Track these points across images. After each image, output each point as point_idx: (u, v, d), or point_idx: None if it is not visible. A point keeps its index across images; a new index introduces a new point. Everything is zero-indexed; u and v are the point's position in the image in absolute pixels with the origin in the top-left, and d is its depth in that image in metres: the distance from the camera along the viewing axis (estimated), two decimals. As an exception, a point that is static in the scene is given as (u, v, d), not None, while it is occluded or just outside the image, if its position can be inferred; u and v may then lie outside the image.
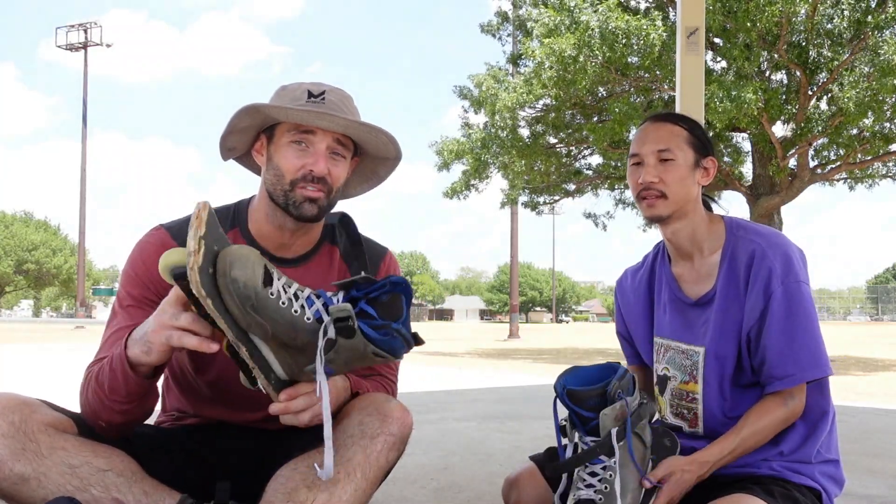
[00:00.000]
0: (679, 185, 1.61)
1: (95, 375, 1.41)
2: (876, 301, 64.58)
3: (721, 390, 1.62)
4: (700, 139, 1.66)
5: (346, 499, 1.34)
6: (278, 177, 1.51)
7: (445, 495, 2.58)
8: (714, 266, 1.64)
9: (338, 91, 1.55)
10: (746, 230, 1.64)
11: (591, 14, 11.02)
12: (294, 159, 1.50)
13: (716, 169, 1.69)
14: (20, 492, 1.32)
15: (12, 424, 1.32)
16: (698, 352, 1.64)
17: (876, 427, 4.49)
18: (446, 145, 14.25)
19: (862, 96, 10.42)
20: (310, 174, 1.49)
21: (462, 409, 5.06)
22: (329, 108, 1.50)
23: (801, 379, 1.53)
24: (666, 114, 1.70)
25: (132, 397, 1.38)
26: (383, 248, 1.75)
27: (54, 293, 68.60)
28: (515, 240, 25.58)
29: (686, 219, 1.65)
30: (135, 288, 1.53)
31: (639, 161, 1.65)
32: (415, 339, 1.33)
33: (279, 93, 1.55)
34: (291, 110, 1.47)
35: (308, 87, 1.53)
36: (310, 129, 1.50)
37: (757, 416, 1.54)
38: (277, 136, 1.53)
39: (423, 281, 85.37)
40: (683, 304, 1.68)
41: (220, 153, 1.62)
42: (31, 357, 11.51)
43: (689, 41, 4.56)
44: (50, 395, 1.52)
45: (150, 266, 1.51)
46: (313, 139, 1.50)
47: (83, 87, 43.79)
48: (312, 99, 1.50)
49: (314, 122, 1.49)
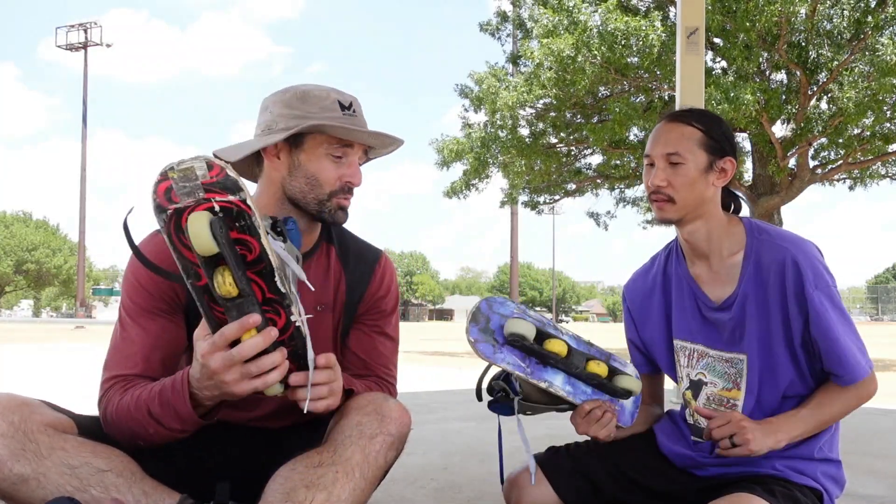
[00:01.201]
0: (688, 190, 1.59)
1: (139, 409, 1.40)
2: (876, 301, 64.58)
3: (761, 398, 1.61)
4: (716, 140, 1.61)
5: (344, 498, 1.34)
6: (313, 186, 1.55)
7: (445, 495, 2.57)
8: (734, 268, 1.62)
9: (355, 99, 1.60)
10: (770, 234, 1.61)
11: (590, 14, 11.03)
12: (334, 170, 1.55)
13: (735, 169, 1.64)
14: (19, 492, 1.32)
15: (12, 424, 1.33)
16: (742, 359, 1.62)
17: (876, 427, 4.49)
18: (446, 144, 14.24)
19: (861, 96, 10.42)
20: (347, 185, 1.56)
21: (462, 409, 5.06)
22: (360, 120, 1.57)
23: (851, 380, 1.55)
24: (682, 112, 1.65)
25: (190, 430, 1.42)
26: (377, 251, 1.76)
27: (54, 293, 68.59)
28: (515, 240, 25.61)
29: (701, 220, 1.63)
30: (140, 297, 1.53)
31: (651, 162, 1.64)
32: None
33: (305, 99, 1.54)
34: (354, 131, 1.52)
35: (335, 96, 1.56)
36: (349, 143, 1.55)
37: (828, 393, 1.58)
38: (311, 146, 1.54)
39: (423, 281, 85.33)
40: (708, 307, 1.66)
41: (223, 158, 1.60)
42: (31, 357, 11.51)
43: (689, 41, 4.56)
44: (50, 396, 1.51)
45: (152, 274, 1.51)
46: (350, 152, 1.56)
47: (83, 87, 43.88)
48: (346, 111, 1.55)
49: (361, 140, 1.56)
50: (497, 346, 1.50)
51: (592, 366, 1.53)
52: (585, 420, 1.58)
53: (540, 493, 1.72)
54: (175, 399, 1.36)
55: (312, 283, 1.64)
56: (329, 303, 1.66)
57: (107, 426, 1.47)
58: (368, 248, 1.75)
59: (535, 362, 1.52)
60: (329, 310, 1.66)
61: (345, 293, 1.68)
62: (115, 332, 1.55)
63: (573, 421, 1.61)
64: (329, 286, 1.66)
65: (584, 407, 1.57)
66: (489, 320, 1.52)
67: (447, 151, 14.14)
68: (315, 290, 1.64)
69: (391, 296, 1.74)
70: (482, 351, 1.48)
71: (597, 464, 1.74)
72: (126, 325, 1.53)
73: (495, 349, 1.49)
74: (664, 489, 1.72)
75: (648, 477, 1.73)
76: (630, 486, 1.73)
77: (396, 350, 1.77)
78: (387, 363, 1.72)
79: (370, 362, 1.70)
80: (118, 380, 1.49)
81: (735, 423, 1.50)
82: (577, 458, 1.76)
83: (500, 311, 1.53)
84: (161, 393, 1.39)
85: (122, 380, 1.48)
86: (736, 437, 1.49)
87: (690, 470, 1.70)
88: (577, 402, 1.56)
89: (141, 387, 1.44)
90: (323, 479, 1.34)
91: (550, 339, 1.51)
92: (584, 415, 1.57)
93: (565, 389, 1.54)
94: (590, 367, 1.53)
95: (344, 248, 1.71)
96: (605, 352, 1.60)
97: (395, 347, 1.76)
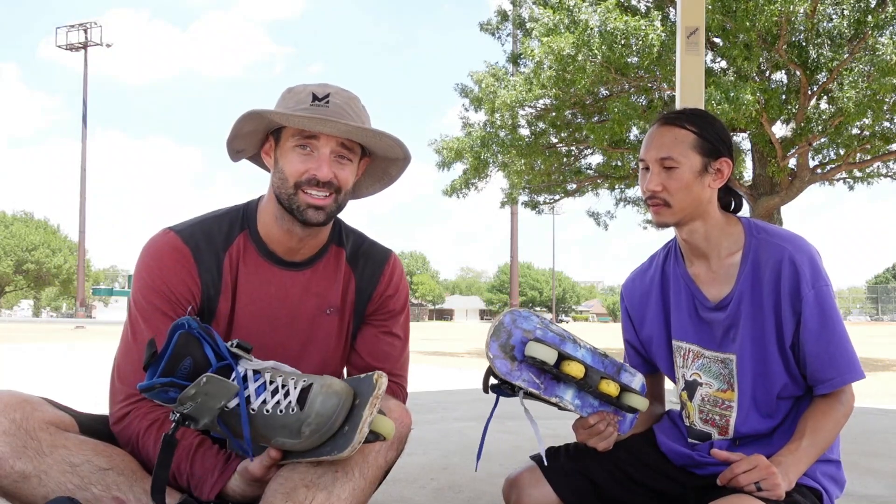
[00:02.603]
0: (683, 193, 1.58)
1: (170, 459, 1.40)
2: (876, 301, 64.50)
3: (755, 399, 1.61)
4: (710, 141, 1.60)
5: (344, 498, 1.34)
6: (282, 180, 1.52)
7: (445, 495, 2.58)
8: (733, 268, 1.62)
9: (343, 93, 1.54)
10: (768, 233, 1.61)
11: (591, 14, 11.02)
12: (298, 164, 1.50)
13: (731, 169, 1.63)
14: (21, 489, 1.32)
15: (13, 422, 1.33)
16: (732, 359, 1.62)
17: (876, 427, 4.49)
18: (446, 144, 14.23)
19: (861, 96, 10.42)
20: (314, 178, 1.49)
21: (462, 409, 5.06)
22: (333, 111, 1.49)
23: (841, 382, 1.54)
24: (675, 115, 1.64)
25: None
26: (387, 252, 1.75)
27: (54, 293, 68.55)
28: (515, 240, 25.60)
29: (699, 221, 1.62)
30: (153, 295, 1.52)
31: (646, 166, 1.63)
32: (240, 347, 1.34)
33: (285, 96, 1.55)
34: (292, 116, 1.46)
35: (313, 89, 1.52)
36: (313, 135, 1.50)
37: (818, 417, 1.55)
38: (283, 140, 1.53)
39: (423, 281, 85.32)
40: (704, 307, 1.65)
41: (228, 154, 1.62)
42: (32, 357, 11.51)
43: (689, 41, 4.56)
44: (50, 396, 1.51)
45: (165, 273, 1.51)
46: (317, 144, 1.50)
47: (83, 87, 43.85)
48: (316, 103, 1.49)
49: (315, 128, 1.49)
50: (515, 365, 1.50)
51: (604, 385, 1.54)
52: (587, 432, 1.59)
53: (540, 493, 1.72)
54: (201, 494, 1.40)
55: (320, 287, 1.64)
56: (337, 306, 1.66)
57: (122, 444, 1.48)
58: (378, 248, 1.74)
59: (549, 378, 1.53)
60: (337, 313, 1.66)
61: (354, 295, 1.68)
62: (126, 333, 1.53)
63: (575, 430, 1.63)
64: (338, 289, 1.66)
65: (589, 420, 1.58)
66: (511, 336, 1.51)
67: (447, 151, 14.12)
68: (323, 294, 1.64)
69: (400, 296, 1.73)
70: (499, 368, 1.49)
71: (597, 464, 1.73)
72: (138, 327, 1.52)
73: (512, 369, 1.50)
74: (664, 488, 1.72)
75: (648, 476, 1.73)
76: (630, 486, 1.73)
77: (406, 350, 1.76)
78: (395, 363, 1.71)
79: (378, 363, 1.69)
80: (139, 404, 1.48)
81: (764, 469, 1.44)
82: (577, 458, 1.76)
83: (524, 327, 1.52)
84: (190, 479, 1.41)
85: (144, 405, 1.48)
86: (764, 482, 1.43)
87: (690, 469, 1.70)
88: (584, 414, 1.58)
89: None
90: (323, 478, 1.34)
91: (569, 361, 1.51)
92: (588, 427, 1.58)
93: (574, 403, 1.56)
94: (602, 386, 1.54)
95: (354, 250, 1.70)
96: (616, 362, 1.60)
97: (405, 347, 1.75)
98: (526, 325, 1.53)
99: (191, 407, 1.26)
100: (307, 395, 1.24)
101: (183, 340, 1.30)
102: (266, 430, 1.27)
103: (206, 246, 1.56)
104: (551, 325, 1.55)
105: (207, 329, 1.32)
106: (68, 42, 46.73)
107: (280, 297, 1.60)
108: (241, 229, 1.61)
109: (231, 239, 1.59)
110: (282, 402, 1.26)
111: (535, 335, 1.51)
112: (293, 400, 1.25)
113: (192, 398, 1.26)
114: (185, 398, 1.26)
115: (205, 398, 1.25)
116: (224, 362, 1.30)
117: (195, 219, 1.63)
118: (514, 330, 1.52)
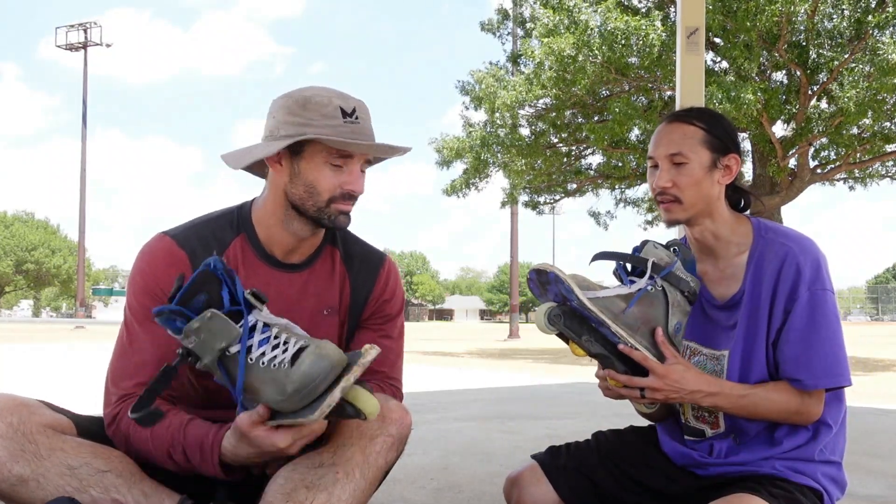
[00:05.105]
0: (694, 190, 1.58)
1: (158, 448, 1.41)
2: (876, 301, 64.57)
3: None
4: (719, 137, 1.60)
5: (345, 499, 1.34)
6: (312, 193, 1.52)
7: (445, 495, 2.58)
8: (740, 267, 1.61)
9: (360, 104, 1.56)
10: (776, 232, 1.60)
11: (591, 14, 11.03)
12: (332, 178, 1.52)
13: (739, 165, 1.63)
14: (19, 493, 1.32)
15: (10, 426, 1.33)
16: (725, 355, 1.61)
17: (876, 427, 4.49)
18: (446, 143, 14.24)
19: (862, 96, 10.42)
20: (349, 193, 1.54)
21: (462, 409, 5.06)
22: (363, 127, 1.53)
23: (812, 385, 1.51)
24: (683, 112, 1.65)
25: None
26: (381, 255, 1.75)
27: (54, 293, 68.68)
28: (515, 240, 25.58)
29: (709, 219, 1.62)
30: (149, 300, 1.51)
31: (655, 164, 1.63)
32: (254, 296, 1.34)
33: (306, 106, 1.51)
34: (338, 140, 1.48)
35: (337, 102, 1.51)
36: (349, 154, 1.52)
37: (773, 388, 1.54)
38: (310, 154, 1.52)
39: (423, 281, 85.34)
40: (711, 305, 1.65)
41: (226, 164, 1.60)
42: (31, 357, 11.51)
43: (689, 41, 4.56)
44: (49, 396, 1.51)
45: (160, 277, 1.51)
46: (350, 161, 1.53)
47: (83, 87, 43.75)
48: (347, 119, 1.51)
49: (360, 151, 1.52)
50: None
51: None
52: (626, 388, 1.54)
53: (540, 492, 1.72)
54: (204, 464, 1.39)
55: (318, 288, 1.64)
56: (335, 306, 1.66)
57: (118, 446, 1.47)
58: (373, 251, 1.74)
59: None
60: (335, 313, 1.66)
61: (349, 296, 1.68)
62: (122, 336, 1.53)
63: (604, 383, 1.57)
64: (334, 289, 1.66)
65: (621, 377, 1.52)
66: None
67: (447, 150, 14.14)
68: (321, 294, 1.64)
69: (396, 299, 1.73)
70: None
71: (597, 463, 1.73)
72: (133, 330, 1.51)
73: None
74: (665, 488, 1.71)
75: (649, 476, 1.72)
76: (630, 486, 1.72)
77: (401, 353, 1.76)
78: (392, 366, 1.71)
79: (375, 367, 1.68)
80: (130, 399, 1.46)
81: (677, 377, 1.50)
82: (578, 457, 1.76)
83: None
84: (186, 449, 1.39)
85: (134, 399, 1.46)
86: (650, 393, 1.50)
87: (691, 469, 1.70)
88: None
89: (159, 423, 1.40)
90: (323, 479, 1.34)
91: None
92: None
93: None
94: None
95: (348, 251, 1.70)
96: None
97: (400, 350, 1.75)
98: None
99: (195, 342, 1.27)
100: (300, 355, 1.24)
101: (203, 277, 1.31)
102: (258, 383, 1.27)
103: (203, 250, 1.55)
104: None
105: (231, 273, 1.33)
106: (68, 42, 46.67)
107: (279, 298, 1.60)
108: (238, 232, 1.60)
109: (227, 242, 1.59)
110: (277, 358, 1.26)
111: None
112: (287, 358, 1.25)
113: (195, 332, 1.26)
114: (190, 331, 1.27)
115: (208, 335, 1.26)
116: (237, 307, 1.31)
117: (189, 222, 1.62)
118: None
